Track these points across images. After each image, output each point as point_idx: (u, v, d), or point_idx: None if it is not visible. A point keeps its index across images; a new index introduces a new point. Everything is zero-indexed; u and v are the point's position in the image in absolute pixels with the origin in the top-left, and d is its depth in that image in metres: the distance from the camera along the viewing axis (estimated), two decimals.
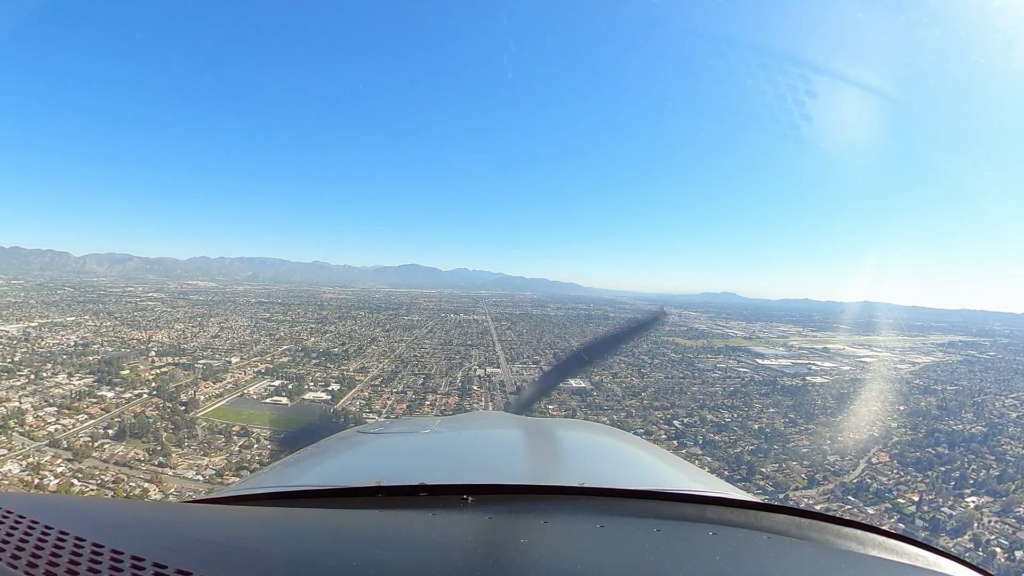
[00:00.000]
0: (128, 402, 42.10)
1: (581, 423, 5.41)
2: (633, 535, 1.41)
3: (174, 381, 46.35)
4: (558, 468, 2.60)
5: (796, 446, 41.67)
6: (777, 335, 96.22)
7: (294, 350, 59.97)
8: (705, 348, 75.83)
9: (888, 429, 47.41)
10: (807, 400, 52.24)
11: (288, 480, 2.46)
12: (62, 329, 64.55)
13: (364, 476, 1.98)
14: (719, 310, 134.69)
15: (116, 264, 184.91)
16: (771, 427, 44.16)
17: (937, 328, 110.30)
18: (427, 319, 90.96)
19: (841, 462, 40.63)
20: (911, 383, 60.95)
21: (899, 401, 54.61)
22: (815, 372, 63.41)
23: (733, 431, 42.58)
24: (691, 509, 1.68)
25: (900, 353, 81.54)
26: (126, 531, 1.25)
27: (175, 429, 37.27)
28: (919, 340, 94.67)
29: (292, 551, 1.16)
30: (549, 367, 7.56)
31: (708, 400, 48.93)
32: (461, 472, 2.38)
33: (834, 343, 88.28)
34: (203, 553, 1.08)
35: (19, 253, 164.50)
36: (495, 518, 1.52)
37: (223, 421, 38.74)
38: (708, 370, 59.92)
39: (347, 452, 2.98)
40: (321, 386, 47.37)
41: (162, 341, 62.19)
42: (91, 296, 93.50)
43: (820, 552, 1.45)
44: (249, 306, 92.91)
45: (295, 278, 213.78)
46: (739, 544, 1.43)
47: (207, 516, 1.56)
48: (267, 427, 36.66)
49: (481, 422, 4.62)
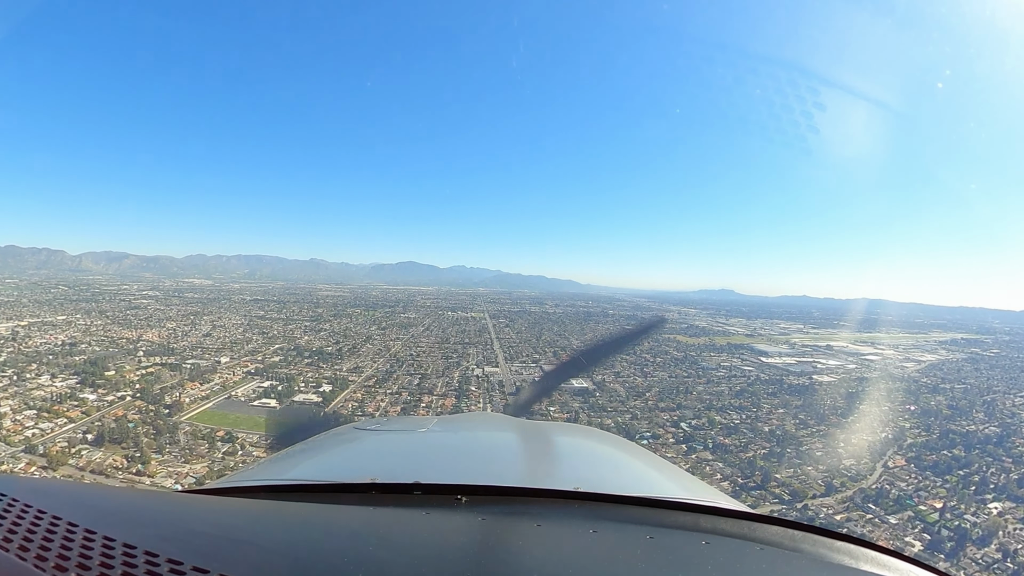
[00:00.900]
0: (110, 405, 40.09)
1: (577, 427, 5.02)
2: (626, 541, 1.41)
3: (160, 382, 44.21)
4: (552, 472, 2.54)
5: (810, 449, 39.84)
6: (779, 332, 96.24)
7: (286, 349, 57.92)
8: (708, 346, 74.49)
9: (901, 430, 46.23)
10: (816, 400, 50.83)
11: (283, 473, 2.44)
12: (51, 328, 63.40)
13: (359, 473, 1.97)
14: (718, 307, 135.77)
15: (112, 262, 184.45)
16: (782, 429, 42.23)
17: (937, 325, 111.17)
18: (424, 317, 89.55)
19: (857, 466, 39.20)
20: (918, 382, 59.91)
21: (908, 400, 53.94)
22: (821, 371, 62.44)
23: (743, 434, 40.58)
24: (684, 517, 1.65)
25: (904, 351, 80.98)
26: (120, 518, 1.24)
27: (156, 434, 35.16)
28: (921, 337, 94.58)
29: (284, 544, 1.17)
30: (550, 368, 7.85)
31: (715, 400, 46.91)
32: (455, 472, 2.29)
33: (836, 340, 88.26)
34: (195, 543, 1.09)
35: (14, 251, 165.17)
36: (488, 519, 1.49)
37: (208, 425, 36.66)
38: (713, 369, 58.18)
39: (342, 448, 2.91)
40: (312, 387, 45.39)
41: (152, 340, 60.33)
42: (85, 294, 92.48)
43: (813, 565, 1.42)
44: (244, 304, 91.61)
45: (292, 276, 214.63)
46: (732, 554, 1.40)
47: (201, 507, 1.55)
48: (253, 432, 34.56)
49: (477, 423, 4.45)
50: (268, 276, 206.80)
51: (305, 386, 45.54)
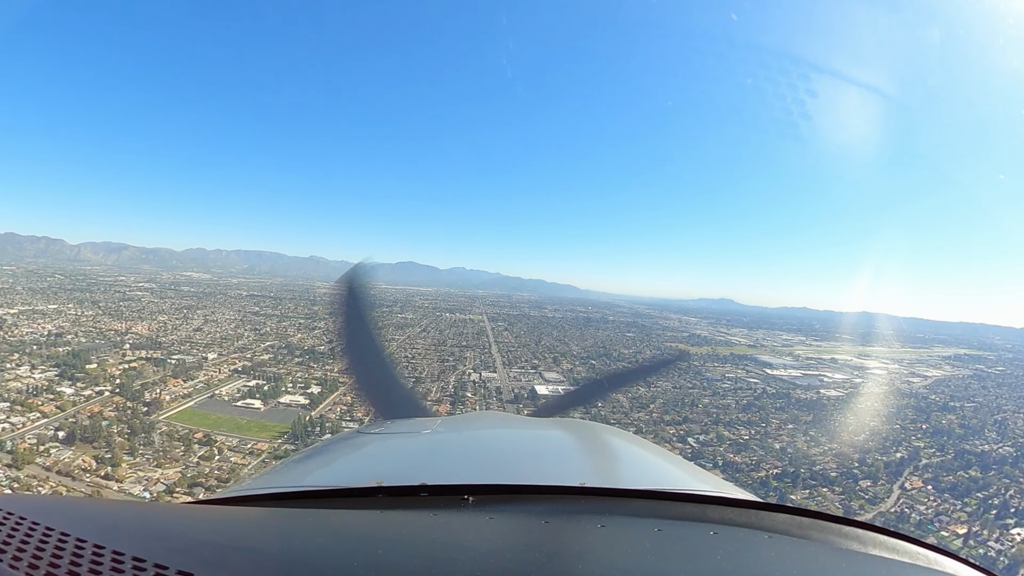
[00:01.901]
0: (87, 400, 37.83)
1: (581, 423, 4.24)
2: (634, 535, 1.40)
3: (141, 378, 41.83)
4: (559, 468, 2.45)
5: (824, 469, 37.64)
6: (781, 344, 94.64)
7: (277, 347, 55.59)
8: (710, 356, 72.30)
9: (915, 450, 44.33)
10: (825, 415, 48.74)
11: (289, 481, 2.37)
12: (41, 317, 61.37)
13: (365, 476, 1.95)
14: (718, 316, 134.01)
15: (111, 253, 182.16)
16: (793, 447, 40.00)
17: (939, 340, 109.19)
18: (421, 318, 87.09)
19: (874, 488, 37.24)
20: (927, 398, 58.43)
21: (919, 419, 52.26)
22: (828, 384, 60.64)
23: (753, 450, 38.30)
24: (692, 509, 1.64)
25: (908, 365, 79.40)
26: (127, 532, 1.22)
27: (131, 434, 32.80)
28: (923, 352, 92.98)
29: (293, 552, 1.15)
30: (570, 390, 6.83)
31: (722, 414, 44.61)
32: (462, 472, 2.27)
33: (840, 353, 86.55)
34: (205, 554, 1.08)
35: (13, 239, 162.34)
36: (496, 518, 1.49)
37: (186, 426, 34.33)
38: (717, 380, 55.97)
39: (347, 452, 2.86)
40: (301, 388, 42.99)
41: (140, 333, 58.15)
42: (80, 284, 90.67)
43: (821, 551, 1.42)
44: (240, 299, 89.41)
45: (291, 272, 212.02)
46: (740, 544, 1.40)
47: (209, 517, 1.51)
48: (233, 434, 32.15)
49: (482, 422, 4.13)
50: (267, 272, 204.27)
51: (293, 387, 43.17)
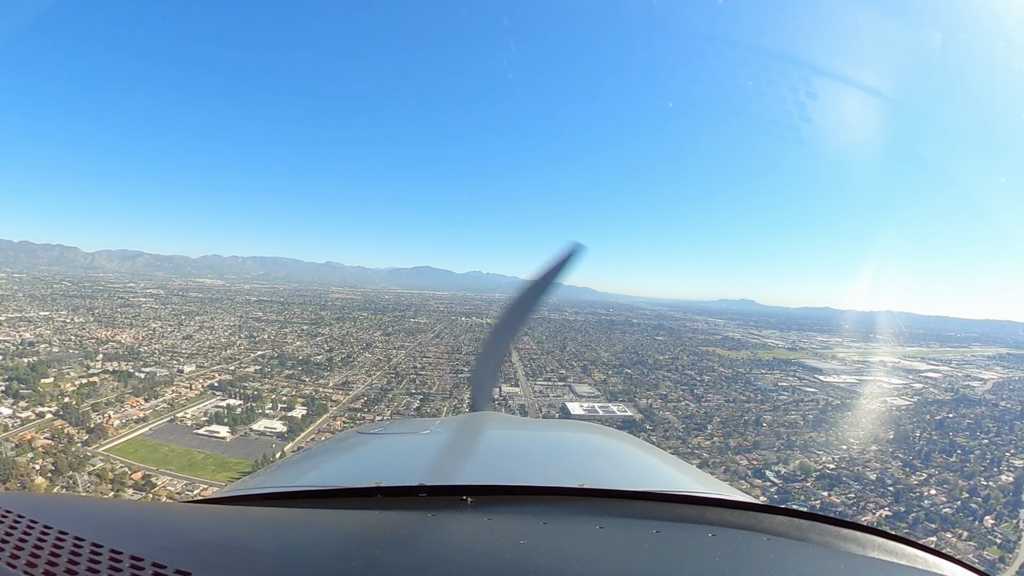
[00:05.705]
0: (23, 424, 30.10)
1: (580, 424, 4.27)
2: (633, 536, 1.38)
3: (96, 396, 34.04)
4: (557, 469, 2.41)
5: (936, 506, 28.71)
6: (819, 345, 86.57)
7: (268, 357, 47.48)
8: (752, 361, 63.59)
9: (1019, 470, 35.66)
10: (907, 433, 39.62)
11: (288, 481, 2.34)
12: (24, 324, 55.03)
13: (363, 477, 1.91)
14: (743, 317, 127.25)
15: (126, 260, 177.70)
16: (890, 475, 31.02)
17: (973, 339, 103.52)
18: (435, 322, 79.47)
19: (999, 527, 28.13)
20: (997, 405, 50.99)
21: (1003, 430, 43.50)
22: (890, 392, 52.39)
23: (847, 484, 29.44)
24: (691, 510, 1.60)
25: (957, 367, 72.39)
26: (125, 531, 1.21)
27: (55, 472, 24.81)
28: (964, 352, 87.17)
29: (291, 552, 1.14)
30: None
31: (793, 435, 35.63)
32: (460, 473, 2.26)
33: (883, 355, 78.96)
34: (202, 553, 1.07)
35: (28, 247, 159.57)
36: (495, 519, 1.46)
37: (127, 461, 26.28)
38: (772, 390, 47.08)
39: (346, 453, 2.82)
40: (282, 409, 34.85)
41: (121, 342, 50.69)
42: (85, 291, 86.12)
43: (820, 553, 1.40)
44: (246, 304, 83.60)
45: (307, 278, 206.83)
46: (739, 545, 1.38)
47: (207, 516, 1.49)
48: (181, 475, 23.94)
49: (480, 423, 3.76)
50: (283, 278, 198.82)
51: (273, 408, 35.01)
